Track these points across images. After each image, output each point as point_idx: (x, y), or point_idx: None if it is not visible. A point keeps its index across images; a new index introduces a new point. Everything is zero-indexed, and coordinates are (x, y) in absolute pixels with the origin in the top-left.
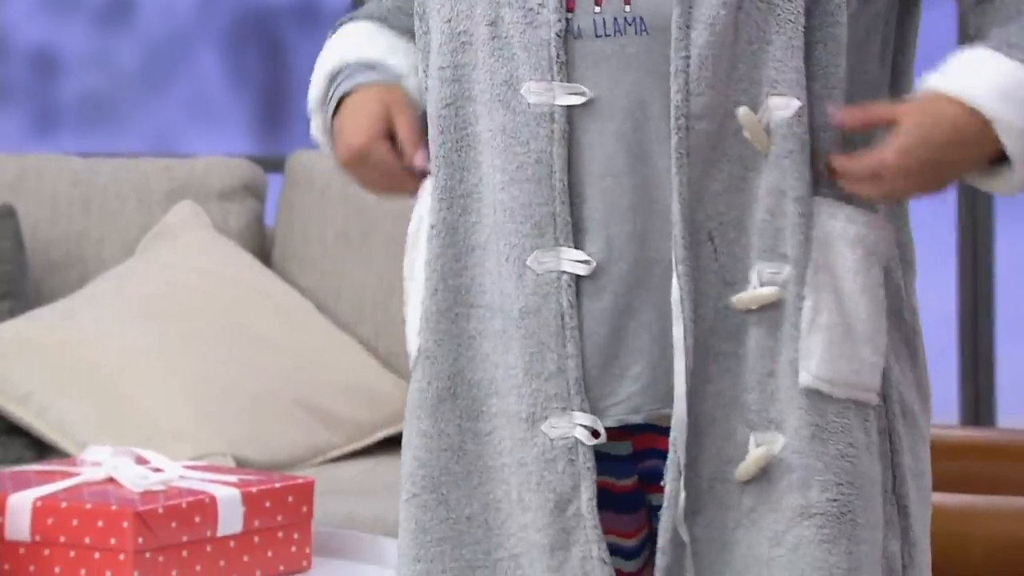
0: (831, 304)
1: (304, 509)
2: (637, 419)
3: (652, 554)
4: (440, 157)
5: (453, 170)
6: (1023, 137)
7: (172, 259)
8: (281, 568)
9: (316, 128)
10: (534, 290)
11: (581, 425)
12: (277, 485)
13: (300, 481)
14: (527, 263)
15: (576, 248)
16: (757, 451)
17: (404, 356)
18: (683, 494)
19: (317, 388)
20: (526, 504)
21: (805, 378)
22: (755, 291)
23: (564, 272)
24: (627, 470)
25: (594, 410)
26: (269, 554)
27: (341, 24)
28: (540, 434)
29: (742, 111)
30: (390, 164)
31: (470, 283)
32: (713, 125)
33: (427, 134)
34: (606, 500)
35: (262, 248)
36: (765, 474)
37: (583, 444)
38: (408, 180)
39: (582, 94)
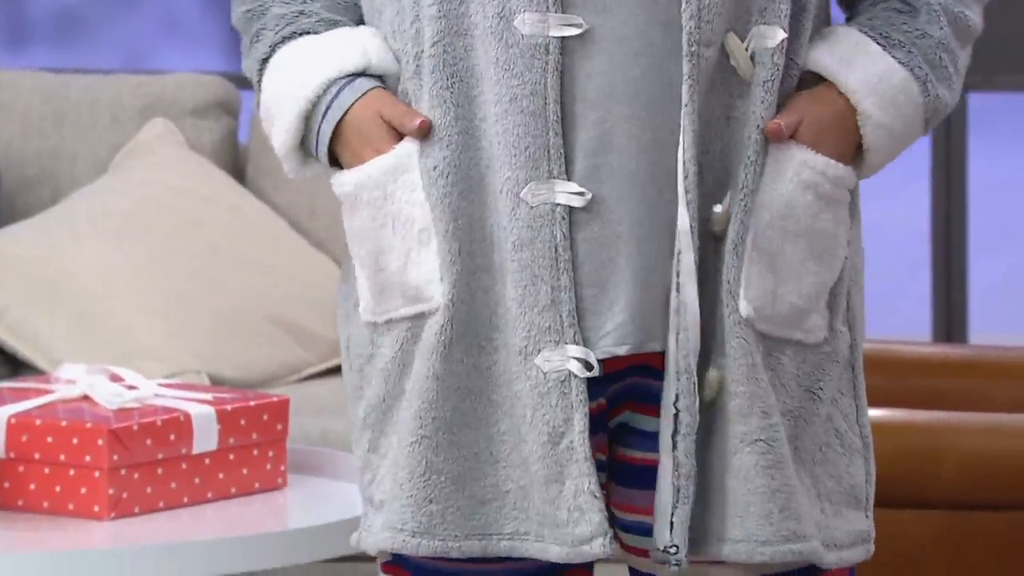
0: (770, 240)
1: (279, 427)
2: (622, 351)
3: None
4: (433, 96)
5: (447, 108)
6: (881, 129)
7: (145, 176)
8: (256, 486)
9: (292, 160)
10: (528, 223)
11: (574, 358)
12: (252, 403)
13: (275, 399)
14: (521, 195)
15: (569, 180)
16: (710, 375)
17: None
18: (687, 419)
19: (291, 306)
20: (523, 436)
21: (744, 308)
22: (714, 216)
23: (558, 204)
24: (597, 392)
25: (586, 342)
26: (244, 472)
27: (272, 53)
28: (533, 367)
29: (730, 37)
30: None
31: (471, 219)
32: (714, 53)
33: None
34: None
35: (235, 165)
36: (719, 400)
37: (576, 377)
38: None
39: (578, 25)
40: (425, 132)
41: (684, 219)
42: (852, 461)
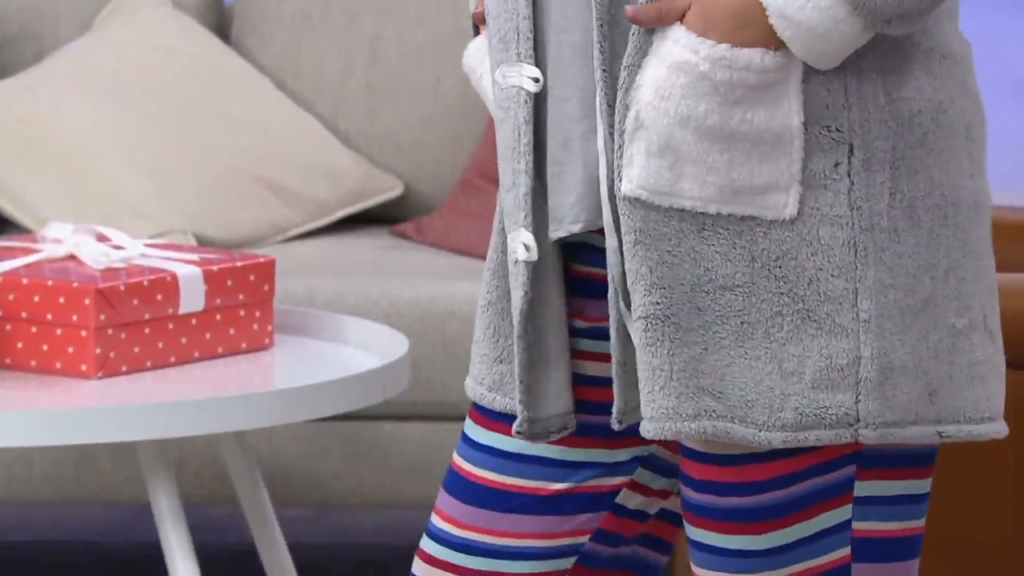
0: (653, 119)
1: (265, 287)
2: (576, 229)
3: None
4: None
5: None
6: (785, 20)
7: (129, 35)
8: (243, 346)
9: None
10: (500, 103)
11: (523, 244)
12: (238, 264)
13: (261, 259)
14: (495, 77)
15: (537, 63)
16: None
17: (363, 134)
18: (620, 294)
19: (276, 166)
20: None
21: (626, 186)
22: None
23: (523, 88)
24: (604, 261)
25: (552, 221)
26: (231, 332)
27: None
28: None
29: None
30: None
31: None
32: None
33: None
34: (581, 287)
35: (220, 24)
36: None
37: (521, 261)
38: None
39: None
40: (480, 21)
41: (600, 95)
42: (831, 343)
